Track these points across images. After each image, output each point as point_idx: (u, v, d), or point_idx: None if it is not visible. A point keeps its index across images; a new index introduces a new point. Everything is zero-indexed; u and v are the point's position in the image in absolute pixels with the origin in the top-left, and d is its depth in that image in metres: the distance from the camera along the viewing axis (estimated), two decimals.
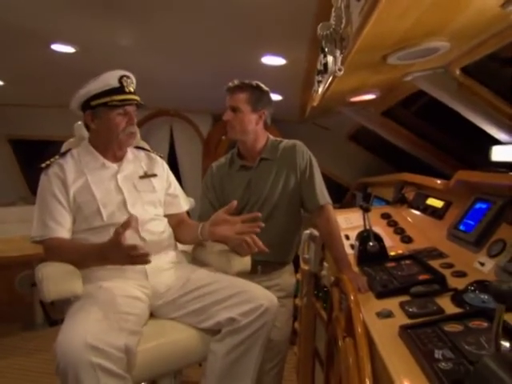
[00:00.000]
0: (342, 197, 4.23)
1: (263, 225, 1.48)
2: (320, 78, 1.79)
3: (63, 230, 1.46)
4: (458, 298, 1.22)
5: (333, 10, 1.10)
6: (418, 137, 2.77)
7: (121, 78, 1.51)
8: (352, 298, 1.22)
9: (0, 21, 2.06)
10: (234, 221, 1.50)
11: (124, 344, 1.18)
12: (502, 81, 1.68)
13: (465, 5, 0.88)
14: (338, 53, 1.16)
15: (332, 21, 1.12)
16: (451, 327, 1.02)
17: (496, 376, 0.66)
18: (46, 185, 1.50)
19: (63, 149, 1.67)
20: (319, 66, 1.69)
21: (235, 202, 1.50)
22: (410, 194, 2.36)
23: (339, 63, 1.19)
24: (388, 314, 1.18)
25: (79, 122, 1.74)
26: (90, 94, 1.51)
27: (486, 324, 0.99)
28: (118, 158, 1.62)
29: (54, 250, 1.44)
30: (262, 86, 1.80)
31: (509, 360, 0.68)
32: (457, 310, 1.15)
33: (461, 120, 1.98)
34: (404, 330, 1.04)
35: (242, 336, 1.33)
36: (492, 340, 0.73)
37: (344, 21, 1.06)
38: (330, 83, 1.60)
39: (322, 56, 1.56)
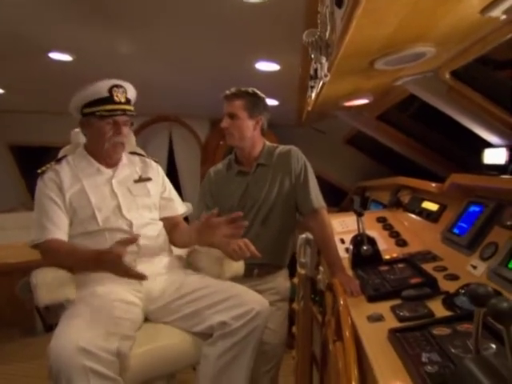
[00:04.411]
0: (340, 201, 4.23)
1: (247, 223, 1.49)
2: (312, 84, 1.80)
3: (60, 231, 1.47)
4: (448, 301, 1.23)
5: (318, 16, 1.12)
6: (414, 140, 2.77)
7: (111, 88, 1.52)
8: (341, 301, 1.22)
9: None
10: (217, 224, 1.48)
11: (116, 348, 1.19)
12: (492, 84, 1.69)
13: (444, 11, 0.89)
14: (323, 59, 1.17)
15: (318, 28, 1.14)
16: (439, 330, 1.02)
17: (474, 378, 0.66)
18: (42, 189, 1.52)
19: (59, 155, 1.69)
20: (311, 72, 1.71)
21: (215, 212, 1.50)
22: (405, 198, 2.36)
23: (325, 69, 1.20)
24: (378, 318, 1.19)
25: (76, 129, 1.76)
26: (83, 101, 1.53)
27: None
28: (112, 164, 1.64)
29: (50, 253, 1.45)
30: (258, 92, 1.82)
31: (488, 362, 0.68)
32: (447, 314, 1.15)
33: (455, 122, 1.99)
34: (393, 334, 1.05)
35: (234, 339, 1.33)
36: (473, 343, 0.74)
37: (329, 27, 1.07)
38: (321, 89, 1.62)
39: (313, 62, 1.57)
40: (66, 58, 2.50)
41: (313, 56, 1.21)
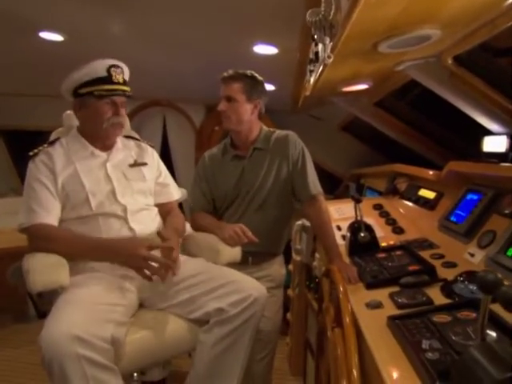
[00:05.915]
0: (335, 188, 4.22)
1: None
2: (312, 68, 1.77)
3: (49, 216, 1.42)
4: (447, 288, 1.23)
5: None
6: (411, 127, 2.76)
7: (109, 68, 1.48)
8: (341, 288, 1.21)
9: None
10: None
11: (111, 335, 1.16)
12: (494, 71, 1.67)
13: None
14: (327, 40, 1.14)
15: (322, 7, 1.11)
16: (439, 318, 1.02)
17: (480, 365, 0.65)
18: (33, 172, 1.48)
19: (52, 138, 1.64)
20: (311, 55, 1.68)
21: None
22: (402, 185, 2.36)
23: (329, 50, 1.17)
24: (377, 305, 1.19)
25: (68, 112, 1.72)
26: (78, 81, 1.48)
27: (473, 314, 1.00)
28: (107, 147, 1.60)
29: (39, 238, 1.40)
30: (257, 75, 1.79)
31: (493, 350, 0.68)
32: (446, 301, 1.15)
33: (454, 111, 1.98)
34: (392, 321, 1.05)
35: (231, 326, 1.32)
36: (478, 330, 0.73)
37: (333, 7, 1.04)
38: (321, 72, 1.58)
39: (313, 45, 1.54)
40: (57, 37, 2.42)
41: (316, 36, 1.18)
